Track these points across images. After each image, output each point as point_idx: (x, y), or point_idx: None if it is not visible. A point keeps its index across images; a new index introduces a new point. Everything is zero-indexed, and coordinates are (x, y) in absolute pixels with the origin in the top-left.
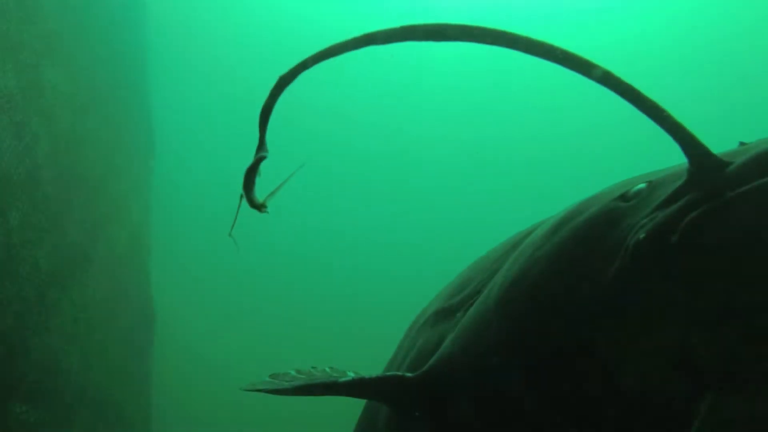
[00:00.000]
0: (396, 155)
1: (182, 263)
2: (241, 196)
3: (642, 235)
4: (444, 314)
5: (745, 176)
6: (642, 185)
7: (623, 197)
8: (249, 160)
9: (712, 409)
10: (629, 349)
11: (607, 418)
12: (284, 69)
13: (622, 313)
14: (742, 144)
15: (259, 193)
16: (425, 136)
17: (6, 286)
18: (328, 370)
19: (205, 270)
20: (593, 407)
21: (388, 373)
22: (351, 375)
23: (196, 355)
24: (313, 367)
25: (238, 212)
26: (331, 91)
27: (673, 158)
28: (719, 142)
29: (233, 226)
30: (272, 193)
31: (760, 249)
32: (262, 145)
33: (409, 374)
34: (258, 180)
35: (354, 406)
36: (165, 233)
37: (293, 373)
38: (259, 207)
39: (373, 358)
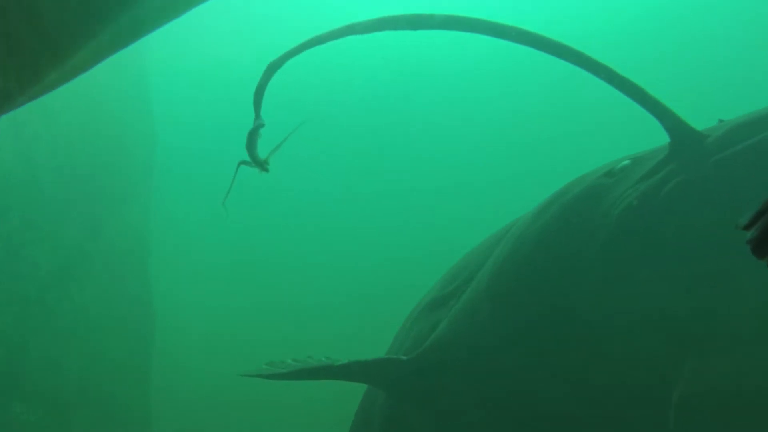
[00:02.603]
0: (394, 151)
1: (182, 263)
2: (239, 164)
3: (631, 203)
4: (438, 303)
5: (723, 146)
6: (626, 162)
7: (609, 174)
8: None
9: (695, 370)
10: (615, 314)
11: (593, 384)
12: (286, 68)
13: (608, 279)
14: (721, 122)
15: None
16: (422, 130)
17: (6, 286)
18: (324, 360)
19: (205, 269)
20: (582, 377)
21: (384, 357)
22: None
23: (197, 355)
24: (309, 357)
25: (233, 181)
26: (329, 86)
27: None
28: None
29: (228, 193)
30: (273, 152)
31: (738, 210)
32: (258, 116)
33: (403, 357)
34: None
35: (352, 402)
36: (165, 233)
37: (290, 361)
38: (262, 164)
39: (375, 353)
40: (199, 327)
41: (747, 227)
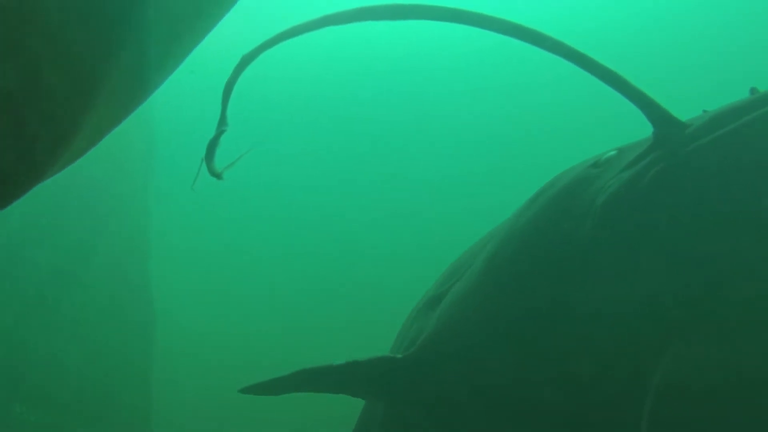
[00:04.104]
0: (392, 148)
1: (182, 263)
2: (202, 161)
3: (613, 192)
4: (435, 301)
5: (703, 134)
6: (612, 152)
7: (595, 164)
8: (249, 159)
9: (677, 356)
10: (601, 301)
11: (582, 371)
12: (286, 68)
13: (593, 267)
14: (705, 112)
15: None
16: (421, 127)
17: (6, 286)
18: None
19: (205, 270)
20: (569, 362)
21: (380, 355)
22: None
23: (197, 355)
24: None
25: (199, 172)
26: (337, 82)
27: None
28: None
29: (195, 179)
30: (229, 166)
31: (714, 196)
32: (223, 119)
33: (399, 355)
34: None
35: (355, 404)
36: (165, 233)
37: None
38: (217, 175)
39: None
40: (200, 326)
41: None
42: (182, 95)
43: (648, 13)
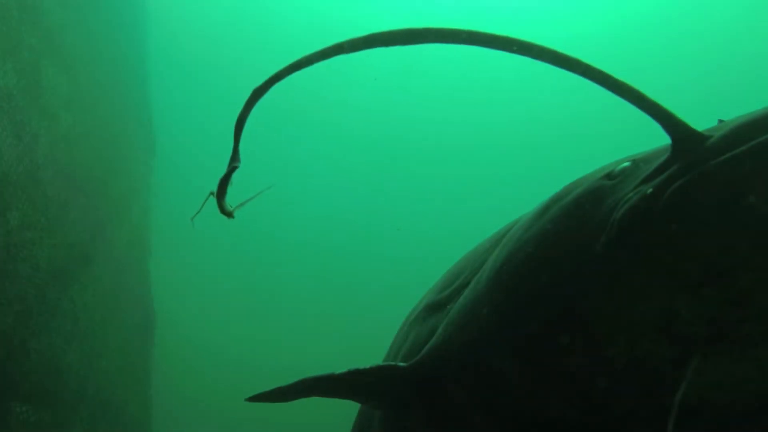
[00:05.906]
0: (394, 152)
1: (182, 263)
2: (210, 193)
3: (632, 206)
4: (435, 308)
5: (724, 147)
6: (626, 164)
7: (609, 176)
8: (248, 159)
9: (698, 372)
10: (617, 318)
11: (596, 389)
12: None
13: (609, 284)
14: (720, 122)
15: (232, 198)
16: (422, 132)
17: (6, 286)
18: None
19: (206, 270)
20: (583, 380)
21: (382, 363)
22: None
23: (197, 355)
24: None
25: (203, 205)
26: (336, 86)
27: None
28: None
29: (197, 214)
30: (241, 205)
31: (739, 212)
32: (235, 154)
33: (402, 364)
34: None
35: (352, 409)
36: (165, 233)
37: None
38: (228, 214)
39: (376, 357)
40: (199, 327)
41: None
42: (183, 95)
43: (647, 17)
